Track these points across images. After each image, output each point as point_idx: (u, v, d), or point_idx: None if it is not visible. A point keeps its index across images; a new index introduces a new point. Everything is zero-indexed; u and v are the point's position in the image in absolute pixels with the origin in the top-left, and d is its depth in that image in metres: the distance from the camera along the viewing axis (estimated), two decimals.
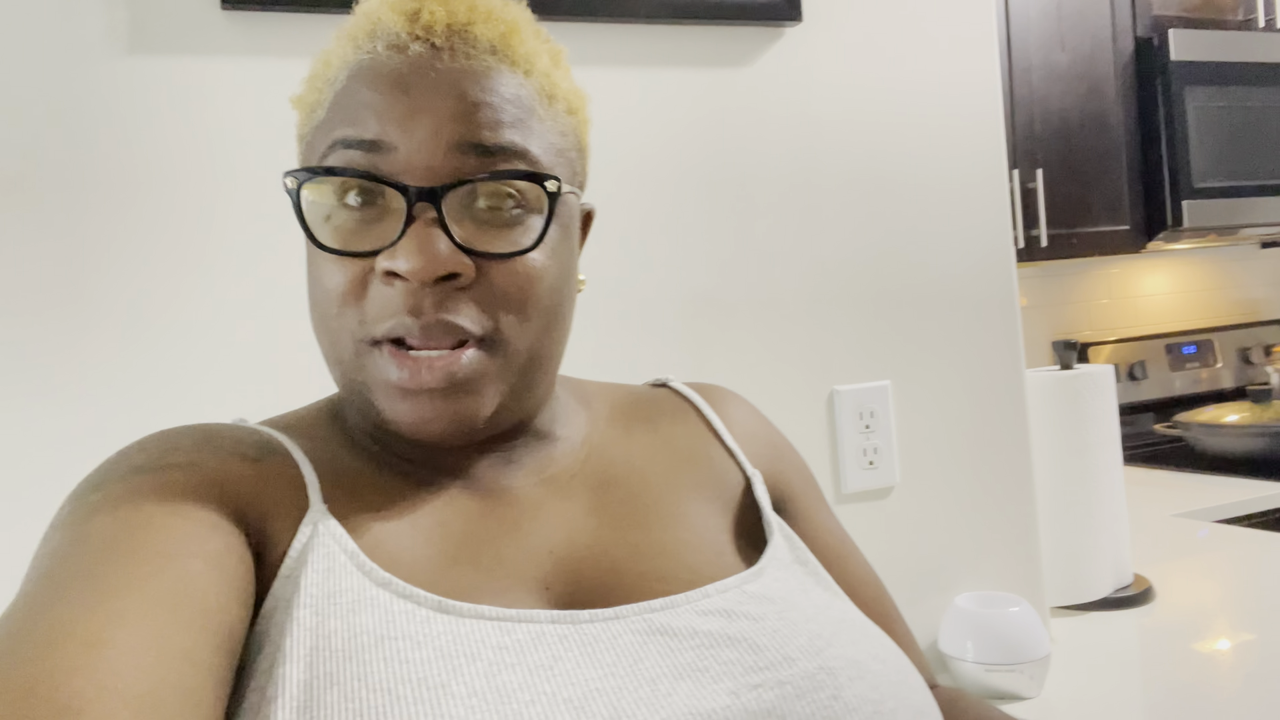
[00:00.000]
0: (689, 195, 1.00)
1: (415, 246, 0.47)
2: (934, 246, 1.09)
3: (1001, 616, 0.99)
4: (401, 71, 0.49)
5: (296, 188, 0.50)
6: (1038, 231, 2.01)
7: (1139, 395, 2.49)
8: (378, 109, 0.49)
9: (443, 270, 0.47)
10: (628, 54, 0.97)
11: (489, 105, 0.50)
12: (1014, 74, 2.02)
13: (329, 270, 0.50)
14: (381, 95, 0.49)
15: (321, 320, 0.52)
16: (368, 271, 0.49)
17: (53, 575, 0.41)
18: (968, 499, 1.10)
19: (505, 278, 0.50)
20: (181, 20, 0.83)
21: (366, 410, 0.53)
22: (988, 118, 1.12)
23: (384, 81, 0.49)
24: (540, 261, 0.51)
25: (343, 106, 0.51)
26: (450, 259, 0.48)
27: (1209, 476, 2.03)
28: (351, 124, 0.50)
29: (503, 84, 0.51)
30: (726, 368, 1.01)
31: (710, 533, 0.58)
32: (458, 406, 0.50)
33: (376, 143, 0.49)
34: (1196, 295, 2.76)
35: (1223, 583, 1.31)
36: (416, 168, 0.48)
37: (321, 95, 0.53)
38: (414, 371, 0.49)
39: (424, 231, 0.47)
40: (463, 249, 0.48)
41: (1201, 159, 2.12)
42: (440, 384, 0.49)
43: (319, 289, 0.51)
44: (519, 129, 0.51)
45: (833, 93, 1.05)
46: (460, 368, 0.49)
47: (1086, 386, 1.24)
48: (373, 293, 0.49)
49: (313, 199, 0.50)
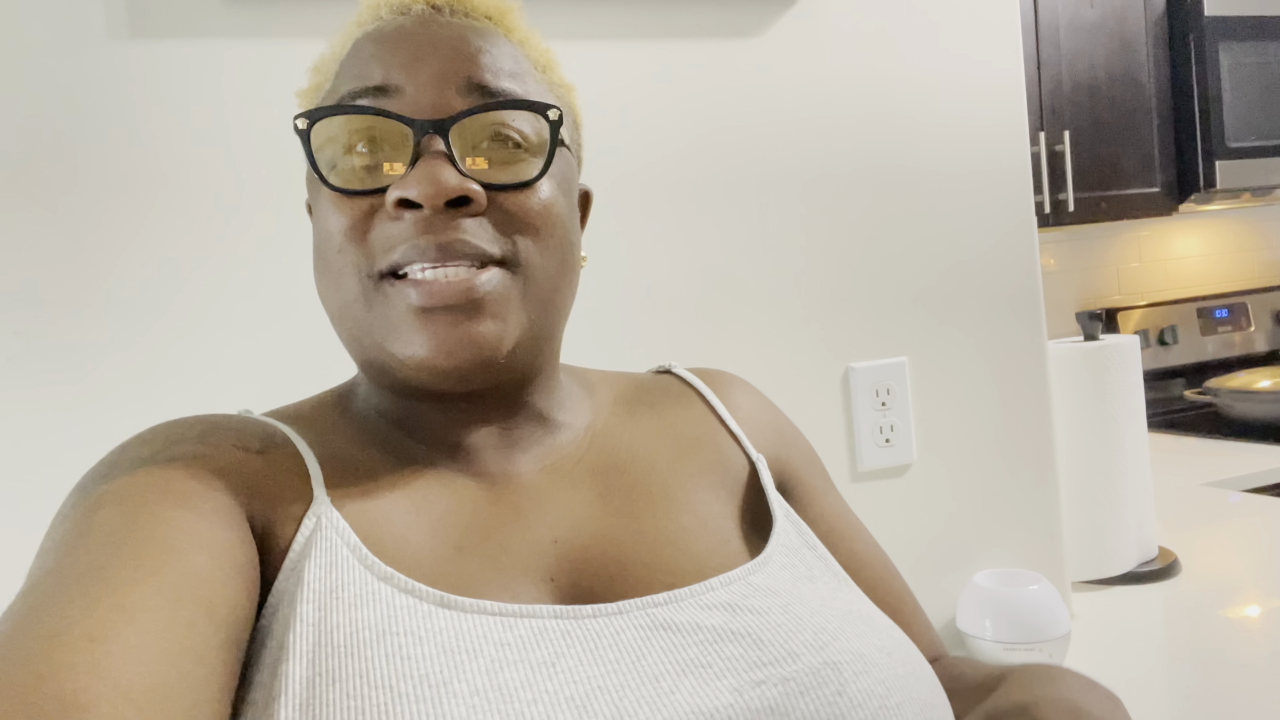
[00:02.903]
0: (701, 171, 0.98)
1: (425, 173, 0.47)
2: (952, 219, 1.07)
3: (1021, 594, 0.98)
4: (405, 25, 0.52)
5: (307, 129, 0.50)
6: (1065, 195, 1.97)
7: (1169, 361, 2.44)
8: (382, 58, 0.51)
9: (454, 193, 0.48)
10: (635, 28, 0.95)
11: (490, 53, 0.52)
12: (1040, 33, 1.97)
13: (333, 212, 0.50)
14: (386, 47, 0.51)
15: (324, 265, 0.52)
16: (375, 209, 0.50)
17: (58, 569, 0.41)
18: (987, 475, 1.09)
19: (517, 207, 0.51)
20: (181, 4, 0.82)
21: (378, 355, 0.52)
22: (1009, 84, 1.08)
23: (389, 37, 0.51)
24: (549, 192, 0.52)
25: (348, 67, 0.52)
26: (461, 183, 0.48)
27: (1239, 443, 1.99)
28: (357, 77, 0.51)
29: (500, 44, 0.53)
30: (741, 347, 1.00)
31: (716, 519, 0.58)
32: (480, 329, 0.49)
33: (383, 87, 0.50)
34: (1229, 257, 2.70)
35: (1252, 552, 1.29)
36: (423, 106, 0.49)
37: (327, 74, 0.55)
38: (431, 290, 0.48)
39: (432, 161, 0.48)
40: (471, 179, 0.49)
41: (1235, 118, 2.06)
42: (460, 300, 0.48)
43: (324, 237, 0.52)
44: (518, 80, 0.52)
45: (845, 62, 1.02)
46: (481, 284, 0.49)
47: (1111, 358, 1.21)
48: (379, 228, 0.49)
49: (321, 142, 0.51)
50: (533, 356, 0.54)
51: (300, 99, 0.57)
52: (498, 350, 0.50)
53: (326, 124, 0.50)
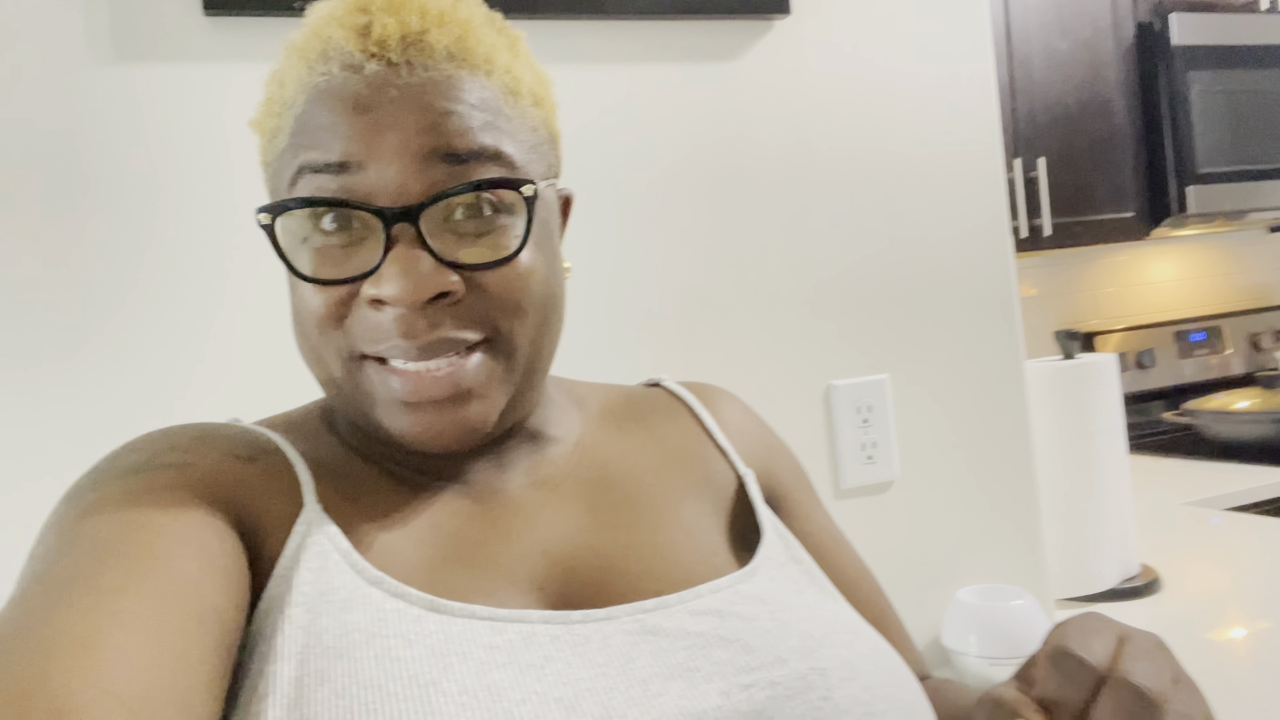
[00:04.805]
0: (680, 192, 0.99)
1: (399, 271, 0.46)
2: (929, 238, 1.08)
3: (1004, 610, 0.98)
4: (360, 92, 0.47)
5: (271, 222, 0.49)
6: (1041, 220, 2.00)
7: (1148, 383, 2.47)
8: (340, 131, 0.47)
9: (431, 292, 0.46)
10: (614, 51, 0.97)
11: (455, 114, 0.48)
12: (1014, 62, 2.01)
13: (310, 296, 0.49)
14: (343, 117, 0.47)
15: (306, 343, 0.52)
16: (351, 294, 0.48)
17: (48, 576, 0.41)
18: (969, 492, 1.09)
19: (497, 285, 0.49)
20: (164, 26, 0.83)
21: (365, 423, 0.52)
22: (982, 107, 1.11)
23: (343, 104, 0.47)
24: (528, 261, 0.50)
25: (304, 131, 0.49)
26: (437, 279, 0.46)
27: (1219, 464, 2.01)
28: (315, 147, 0.48)
29: (466, 90, 0.49)
30: (722, 365, 1.00)
31: (704, 532, 0.58)
32: (466, 413, 0.49)
33: (344, 164, 0.47)
34: (1204, 282, 2.74)
35: (1234, 570, 1.30)
36: (389, 186, 0.47)
37: (280, 120, 0.51)
38: (417, 384, 0.48)
39: (406, 254, 0.46)
40: (448, 264, 0.47)
41: (1206, 144, 2.10)
42: (446, 394, 0.48)
43: (302, 313, 0.50)
44: (490, 131, 0.49)
45: (823, 85, 1.04)
46: (465, 374, 0.49)
47: (1089, 376, 1.23)
48: (358, 315, 0.48)
49: (288, 228, 0.49)
50: (520, 408, 0.55)
51: (254, 129, 0.54)
52: (485, 426, 0.51)
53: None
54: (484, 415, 0.50)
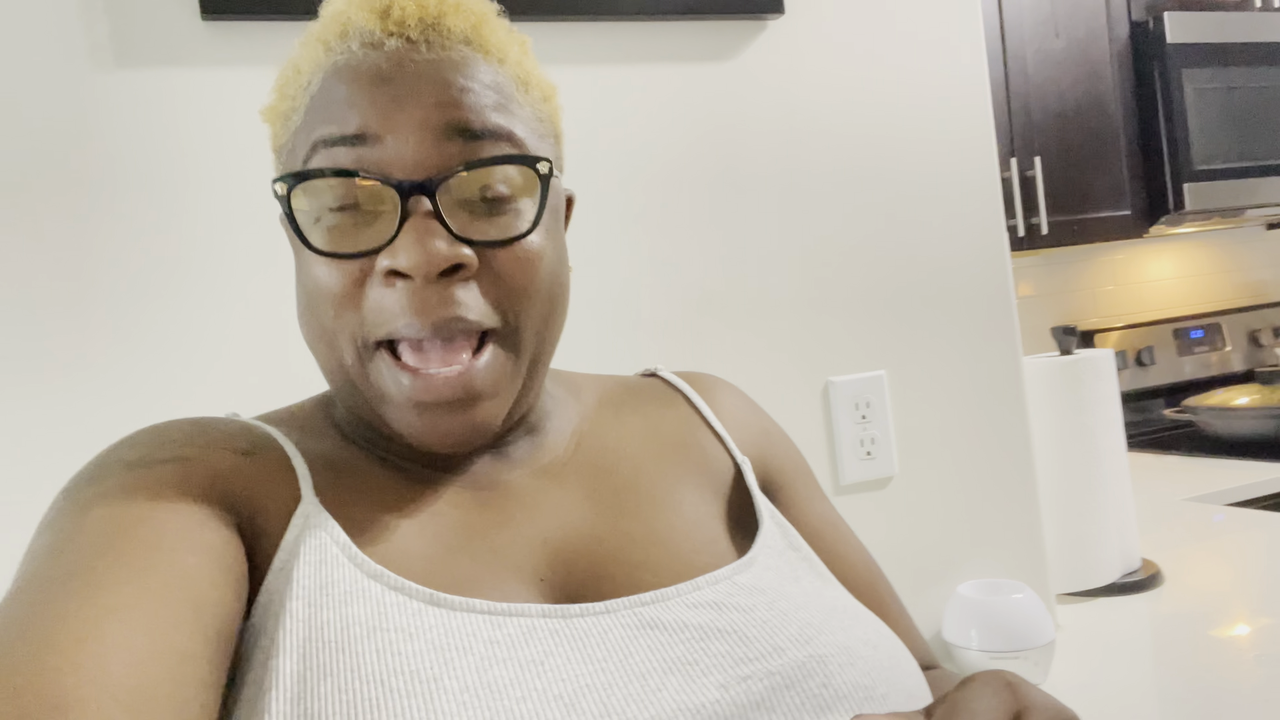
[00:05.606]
0: (678, 192, 1.00)
1: (414, 241, 0.46)
2: (925, 235, 1.09)
3: (1005, 603, 0.98)
4: (380, 65, 0.48)
5: (286, 193, 0.49)
6: (1038, 219, 2.00)
7: (1147, 381, 2.47)
8: (358, 103, 0.48)
9: (446, 263, 0.47)
10: (610, 52, 0.97)
11: (471, 90, 0.49)
12: (1009, 62, 2.01)
13: (323, 274, 0.49)
14: (361, 89, 0.48)
15: (317, 327, 0.51)
16: (365, 273, 0.48)
17: (46, 571, 0.41)
18: (968, 487, 1.10)
19: (508, 264, 0.49)
20: (162, 32, 0.83)
21: (371, 416, 0.52)
22: (975, 105, 1.11)
23: (363, 77, 0.48)
24: (539, 244, 0.51)
25: (320, 107, 0.49)
26: (452, 251, 0.47)
27: (1220, 460, 2.01)
28: (332, 121, 0.48)
29: (481, 71, 0.50)
30: (721, 361, 1.01)
31: (702, 519, 0.58)
32: (476, 414, 0.50)
33: (361, 136, 0.48)
34: (1202, 279, 2.74)
35: (1235, 566, 1.30)
36: (405, 159, 0.47)
37: (296, 102, 0.51)
38: (429, 386, 0.48)
39: (421, 225, 0.47)
40: (462, 240, 0.48)
41: (1202, 141, 2.10)
42: (458, 395, 0.49)
43: (313, 294, 0.50)
44: (502, 113, 0.50)
45: (818, 84, 1.05)
46: (476, 376, 0.49)
47: (1086, 371, 1.23)
48: (372, 295, 0.48)
49: (301, 203, 0.49)
50: (525, 402, 0.55)
51: (265, 118, 0.55)
52: (493, 426, 0.51)
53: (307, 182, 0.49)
54: (493, 415, 0.50)
